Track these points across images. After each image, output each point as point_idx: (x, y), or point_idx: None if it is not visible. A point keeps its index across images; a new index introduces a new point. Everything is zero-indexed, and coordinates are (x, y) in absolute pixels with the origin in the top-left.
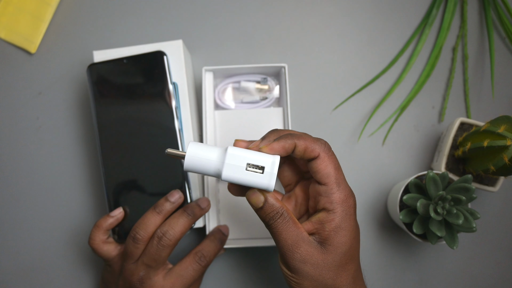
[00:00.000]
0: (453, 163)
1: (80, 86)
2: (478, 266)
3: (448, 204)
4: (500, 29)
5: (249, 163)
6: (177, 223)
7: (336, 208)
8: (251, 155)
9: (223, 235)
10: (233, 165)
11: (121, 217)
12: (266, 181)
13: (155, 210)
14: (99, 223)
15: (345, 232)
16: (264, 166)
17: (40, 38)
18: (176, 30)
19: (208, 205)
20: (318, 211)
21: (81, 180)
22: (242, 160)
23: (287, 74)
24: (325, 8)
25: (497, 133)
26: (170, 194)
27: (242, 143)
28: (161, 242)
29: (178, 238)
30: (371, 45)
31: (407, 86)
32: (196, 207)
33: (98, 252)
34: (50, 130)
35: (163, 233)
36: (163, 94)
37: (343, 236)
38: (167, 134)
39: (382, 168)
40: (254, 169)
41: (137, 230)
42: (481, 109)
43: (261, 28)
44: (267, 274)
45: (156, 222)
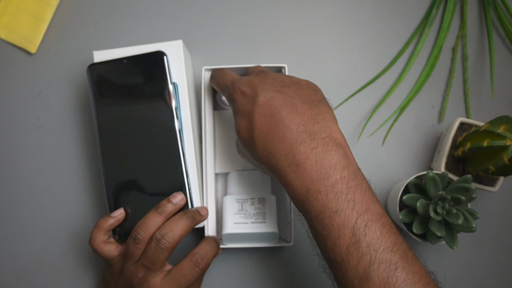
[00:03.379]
0: (453, 163)
1: (80, 86)
2: (478, 266)
3: (448, 204)
4: (500, 29)
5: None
6: (176, 226)
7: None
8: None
9: (197, 212)
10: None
11: (122, 217)
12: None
13: (157, 210)
14: (100, 223)
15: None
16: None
17: (40, 38)
18: (176, 30)
19: (207, 214)
20: None
21: (81, 180)
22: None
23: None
24: (325, 8)
25: (497, 133)
26: (173, 196)
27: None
28: (160, 245)
29: (177, 241)
30: (371, 45)
31: (407, 86)
32: (195, 212)
33: (99, 252)
34: (50, 130)
35: (162, 235)
36: (163, 94)
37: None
38: (167, 134)
39: (382, 168)
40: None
41: (138, 231)
42: (481, 109)
43: (261, 28)
44: (267, 275)
45: (157, 222)
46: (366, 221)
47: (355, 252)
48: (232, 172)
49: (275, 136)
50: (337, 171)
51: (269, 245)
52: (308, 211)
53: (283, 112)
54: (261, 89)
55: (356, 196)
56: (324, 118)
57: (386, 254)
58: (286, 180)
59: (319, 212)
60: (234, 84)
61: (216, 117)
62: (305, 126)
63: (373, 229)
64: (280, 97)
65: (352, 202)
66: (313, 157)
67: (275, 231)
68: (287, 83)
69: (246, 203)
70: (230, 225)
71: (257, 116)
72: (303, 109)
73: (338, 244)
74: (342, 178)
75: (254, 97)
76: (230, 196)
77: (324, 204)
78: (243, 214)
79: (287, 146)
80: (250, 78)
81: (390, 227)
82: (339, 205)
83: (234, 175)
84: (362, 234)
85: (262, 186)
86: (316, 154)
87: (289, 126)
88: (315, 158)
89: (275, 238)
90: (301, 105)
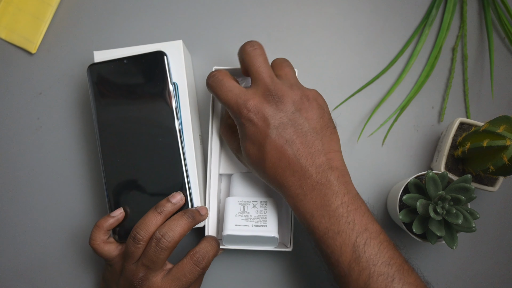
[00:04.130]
0: (453, 163)
1: (81, 86)
2: (477, 266)
3: (447, 204)
4: (499, 29)
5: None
6: (176, 225)
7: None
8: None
9: (196, 211)
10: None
11: (121, 217)
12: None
13: (156, 210)
14: (99, 223)
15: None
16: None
17: (40, 38)
18: (176, 30)
19: (206, 213)
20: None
21: (81, 180)
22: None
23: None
24: (324, 8)
25: (497, 133)
26: (172, 196)
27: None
28: (160, 244)
29: (177, 240)
30: (371, 45)
31: (407, 86)
32: (195, 212)
33: (99, 252)
34: (51, 130)
35: (162, 234)
36: (163, 94)
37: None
38: (167, 134)
39: (382, 168)
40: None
41: (137, 230)
42: (481, 109)
43: (261, 29)
44: (265, 277)
45: (157, 222)
46: (365, 239)
47: (356, 267)
48: (236, 173)
49: (286, 169)
50: (338, 198)
51: (269, 249)
52: (313, 232)
53: (294, 146)
54: (273, 122)
55: (356, 218)
56: (329, 147)
57: (384, 268)
58: (293, 205)
59: (323, 234)
60: (241, 108)
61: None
62: (313, 159)
63: (372, 246)
64: (291, 130)
65: (352, 224)
66: (318, 188)
67: (275, 236)
68: (297, 104)
69: (248, 206)
70: (230, 227)
71: (268, 148)
72: (312, 140)
73: (341, 261)
74: (342, 204)
75: (265, 130)
76: (232, 198)
77: (327, 226)
78: (245, 217)
79: (296, 179)
80: (258, 102)
81: (387, 244)
82: (341, 227)
83: (238, 177)
84: (361, 251)
85: (265, 189)
86: (320, 186)
87: (299, 160)
88: (319, 189)
89: (275, 243)
90: (310, 135)
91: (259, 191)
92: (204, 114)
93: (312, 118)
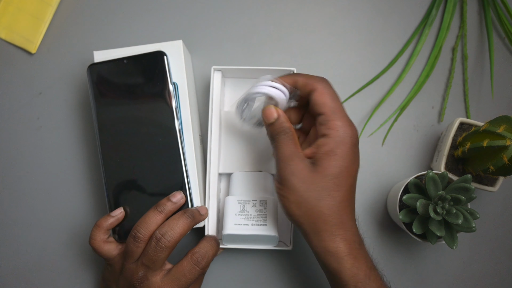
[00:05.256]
0: (453, 163)
1: (81, 86)
2: (477, 266)
3: (447, 204)
4: (499, 29)
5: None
6: (176, 225)
7: (331, 133)
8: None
9: (196, 211)
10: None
11: (121, 217)
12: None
13: (156, 209)
14: (99, 222)
15: (337, 157)
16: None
17: (40, 38)
18: (176, 30)
19: (206, 213)
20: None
21: (81, 180)
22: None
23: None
24: (324, 8)
25: (497, 133)
26: (172, 195)
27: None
28: (160, 244)
29: (177, 240)
30: (371, 45)
31: (407, 86)
32: (195, 211)
33: (99, 251)
34: (51, 130)
35: (162, 234)
36: (163, 94)
37: (334, 160)
38: (167, 134)
39: (382, 168)
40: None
41: (138, 229)
42: (481, 109)
43: (261, 29)
44: (265, 276)
45: (157, 221)
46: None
47: None
48: (235, 172)
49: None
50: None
51: (269, 247)
52: (328, 270)
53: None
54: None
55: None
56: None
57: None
58: (315, 251)
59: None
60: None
61: (222, 117)
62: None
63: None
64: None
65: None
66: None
67: (275, 235)
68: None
69: (247, 205)
70: (230, 226)
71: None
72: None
73: None
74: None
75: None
76: (232, 197)
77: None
78: (244, 216)
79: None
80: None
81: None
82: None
83: (237, 176)
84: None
85: (265, 188)
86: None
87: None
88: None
89: (274, 241)
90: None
91: (258, 190)
92: (204, 114)
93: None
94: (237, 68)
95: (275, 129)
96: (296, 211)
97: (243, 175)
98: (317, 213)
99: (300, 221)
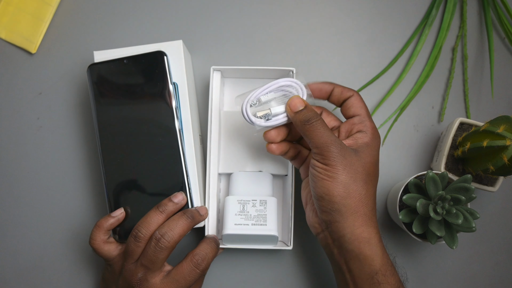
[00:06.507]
0: (453, 163)
1: (81, 86)
2: (477, 265)
3: (447, 204)
4: (499, 29)
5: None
6: (176, 225)
7: (368, 130)
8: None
9: (196, 211)
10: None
11: (122, 217)
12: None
13: (158, 209)
14: (100, 223)
15: (374, 149)
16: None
17: (40, 38)
18: (176, 30)
19: (206, 214)
20: (351, 135)
21: (81, 180)
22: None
23: (295, 78)
24: (325, 8)
25: (497, 133)
26: (174, 195)
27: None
28: (159, 244)
29: (176, 240)
30: (371, 45)
31: (407, 86)
32: (195, 212)
33: (99, 252)
34: (51, 130)
35: (161, 234)
36: (163, 94)
37: (372, 150)
38: (167, 134)
39: (382, 168)
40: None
41: (139, 229)
42: (481, 109)
43: (261, 29)
44: (265, 276)
45: (158, 221)
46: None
47: None
48: (235, 172)
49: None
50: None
51: (269, 247)
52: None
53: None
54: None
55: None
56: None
57: None
58: (347, 236)
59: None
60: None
61: (222, 117)
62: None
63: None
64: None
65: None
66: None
67: (275, 234)
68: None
69: (247, 205)
70: (230, 226)
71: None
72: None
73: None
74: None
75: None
76: (232, 197)
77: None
78: (244, 216)
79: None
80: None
81: None
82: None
83: (237, 176)
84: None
85: (265, 188)
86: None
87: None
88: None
89: (274, 241)
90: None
91: (258, 190)
92: (204, 114)
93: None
94: (237, 68)
95: (306, 115)
96: (342, 192)
97: (243, 175)
98: (361, 196)
99: (343, 202)
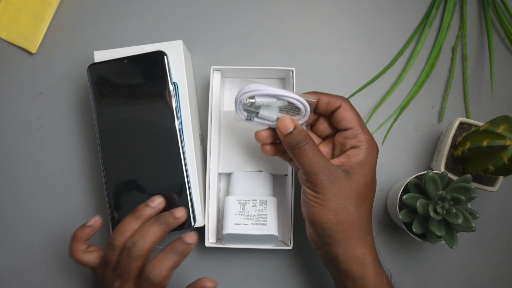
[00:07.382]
0: (453, 163)
1: (81, 86)
2: (477, 265)
3: (447, 204)
4: (499, 29)
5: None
6: (147, 233)
7: (362, 145)
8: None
9: (183, 244)
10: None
11: (98, 225)
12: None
13: (133, 215)
14: (75, 234)
15: (367, 167)
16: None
17: (40, 38)
18: (176, 30)
19: (183, 215)
20: (344, 151)
21: (81, 180)
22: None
23: (294, 78)
24: (324, 8)
25: (497, 133)
26: (151, 199)
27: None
28: (131, 254)
29: (149, 249)
30: (371, 45)
31: (407, 86)
32: (169, 216)
33: (80, 262)
34: (51, 130)
35: (133, 243)
36: (164, 94)
37: (367, 169)
38: (167, 134)
39: (382, 168)
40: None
41: (114, 236)
42: (481, 109)
43: (261, 29)
44: (265, 276)
45: (133, 227)
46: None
47: None
48: (235, 172)
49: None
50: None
51: (269, 247)
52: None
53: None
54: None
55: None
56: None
57: None
58: (340, 258)
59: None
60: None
61: (222, 117)
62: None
63: None
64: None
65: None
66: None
67: (275, 234)
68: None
69: (247, 204)
70: (230, 226)
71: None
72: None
73: None
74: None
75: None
76: (232, 197)
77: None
78: (244, 215)
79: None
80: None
81: None
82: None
83: (237, 175)
84: None
85: (265, 188)
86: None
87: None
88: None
89: (274, 241)
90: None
91: (258, 190)
92: (204, 114)
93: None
94: (237, 68)
95: (295, 138)
96: (332, 219)
97: (243, 175)
98: (353, 220)
99: (334, 228)
